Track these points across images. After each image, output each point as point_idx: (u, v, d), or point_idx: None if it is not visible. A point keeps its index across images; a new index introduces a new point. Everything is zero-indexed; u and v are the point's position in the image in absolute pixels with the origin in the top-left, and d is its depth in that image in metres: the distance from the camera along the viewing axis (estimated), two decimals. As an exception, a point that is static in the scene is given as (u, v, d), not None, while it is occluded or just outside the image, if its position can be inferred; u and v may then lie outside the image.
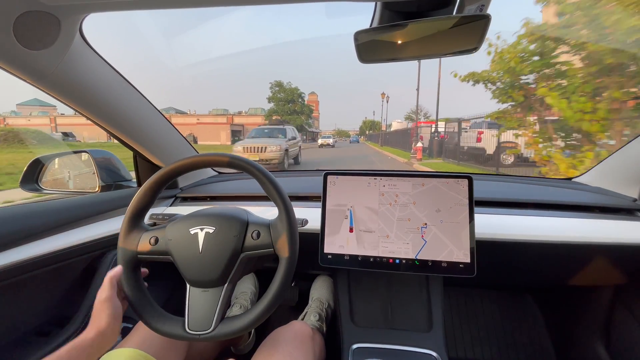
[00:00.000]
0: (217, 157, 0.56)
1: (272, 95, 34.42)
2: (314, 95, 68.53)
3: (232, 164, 0.55)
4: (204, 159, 0.57)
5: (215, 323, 0.52)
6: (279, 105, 33.90)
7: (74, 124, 36.61)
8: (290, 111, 34.10)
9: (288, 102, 34.08)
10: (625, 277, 0.82)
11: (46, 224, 0.67)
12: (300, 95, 34.65)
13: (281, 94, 34.07)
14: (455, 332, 1.17)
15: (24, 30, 0.48)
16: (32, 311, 0.67)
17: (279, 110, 33.80)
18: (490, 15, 0.47)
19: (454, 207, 0.70)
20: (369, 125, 78.69)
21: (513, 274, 0.92)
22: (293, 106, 34.42)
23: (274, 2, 0.48)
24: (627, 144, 0.84)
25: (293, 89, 34.06)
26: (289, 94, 33.88)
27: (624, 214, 0.80)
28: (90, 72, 0.65)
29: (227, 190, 1.03)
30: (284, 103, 33.96)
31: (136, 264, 0.56)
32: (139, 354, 0.58)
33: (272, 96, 34.41)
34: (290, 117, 32.92)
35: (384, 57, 0.58)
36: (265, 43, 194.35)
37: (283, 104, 33.84)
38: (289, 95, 33.99)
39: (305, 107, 35.25)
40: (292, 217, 0.54)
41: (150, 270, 0.63)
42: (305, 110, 35.34)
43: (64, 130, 31.79)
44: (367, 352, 0.73)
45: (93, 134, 32.57)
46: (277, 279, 0.53)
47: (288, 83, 34.74)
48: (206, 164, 0.58)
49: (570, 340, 1.02)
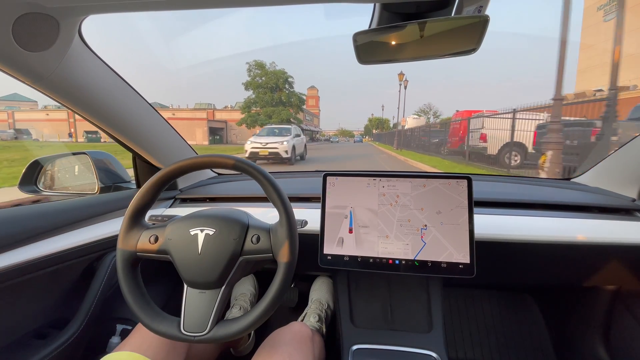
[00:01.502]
0: (220, 158, 0.56)
1: (251, 81, 25.52)
2: (313, 90, 62.74)
3: (237, 166, 0.55)
4: (205, 160, 0.57)
5: (211, 325, 0.52)
6: (260, 94, 25.59)
7: (32, 120, 33.68)
8: (275, 101, 25.82)
9: (271, 89, 25.61)
10: (624, 277, 0.82)
11: (45, 226, 0.66)
12: (288, 81, 25.82)
13: (262, 79, 25.60)
14: (455, 332, 1.17)
15: (23, 32, 0.47)
16: (30, 313, 0.66)
17: (259, 100, 25.50)
18: (489, 16, 0.47)
19: (455, 209, 0.70)
20: (375, 123, 72.81)
21: (513, 274, 0.92)
22: (278, 94, 25.96)
23: (274, 3, 0.48)
24: (626, 144, 0.84)
25: (277, 72, 25.53)
26: (271, 78, 25.27)
27: (622, 214, 0.80)
28: (90, 73, 0.65)
29: (226, 191, 1.02)
30: (266, 91, 25.60)
31: (135, 262, 0.56)
32: (137, 357, 0.57)
33: (251, 81, 25.51)
34: (274, 110, 24.96)
35: (383, 58, 0.58)
36: (265, 44, 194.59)
37: (264, 92, 25.54)
38: (271, 79, 25.30)
39: (294, 96, 26.35)
40: (292, 221, 0.54)
41: (151, 270, 0.63)
42: (294, 100, 26.37)
43: (21, 127, 30.48)
44: (367, 353, 0.73)
45: (54, 131, 30.88)
46: (276, 283, 0.53)
47: (272, 64, 25.98)
48: (207, 165, 0.58)
49: (570, 340, 1.02)
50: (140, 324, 0.64)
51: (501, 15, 55.73)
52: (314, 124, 56.92)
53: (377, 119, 74.85)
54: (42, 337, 0.67)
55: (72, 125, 29.67)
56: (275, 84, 25.63)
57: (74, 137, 29.34)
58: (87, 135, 26.09)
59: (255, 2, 0.47)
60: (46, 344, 0.65)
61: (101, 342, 0.76)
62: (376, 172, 0.75)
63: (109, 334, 0.78)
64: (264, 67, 25.64)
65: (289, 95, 26.36)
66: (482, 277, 0.69)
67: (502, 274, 0.92)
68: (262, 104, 25.61)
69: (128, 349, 0.59)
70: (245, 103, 26.41)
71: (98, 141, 22.88)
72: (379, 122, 72.72)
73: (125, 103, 0.76)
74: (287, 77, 25.69)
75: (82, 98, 0.67)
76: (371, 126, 76.26)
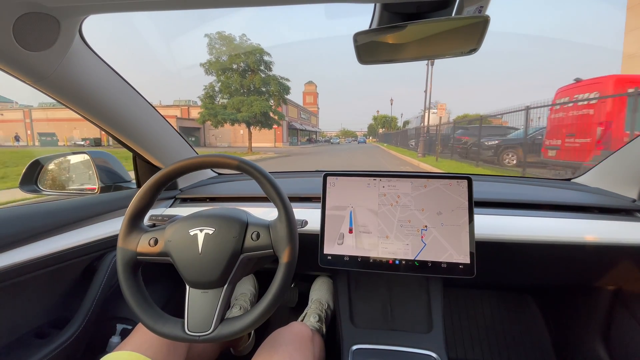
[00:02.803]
0: (220, 158, 0.56)
1: (215, 61, 17.45)
2: (311, 86, 57.11)
3: (237, 166, 0.55)
4: (205, 159, 0.57)
5: (215, 324, 0.52)
6: (226, 79, 17.61)
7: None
8: (246, 89, 17.89)
9: (241, 73, 17.71)
10: (624, 277, 0.82)
11: (45, 226, 0.66)
12: (264, 61, 17.78)
13: (225, 57, 17.42)
14: (455, 332, 1.17)
15: (24, 31, 0.48)
16: (30, 313, 0.67)
17: (225, 88, 17.75)
18: (489, 17, 0.47)
19: (456, 210, 0.70)
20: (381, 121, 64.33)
21: (513, 274, 0.92)
22: (251, 78, 17.61)
23: (274, 3, 0.48)
24: (626, 144, 0.84)
25: (249, 47, 17.94)
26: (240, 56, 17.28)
27: (623, 214, 0.80)
28: (90, 73, 0.65)
29: (226, 191, 1.03)
30: (233, 73, 17.58)
31: (135, 265, 0.56)
32: (137, 357, 0.58)
33: (214, 62, 17.45)
34: (243, 101, 17.08)
35: (384, 58, 0.58)
36: (265, 44, 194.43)
37: (230, 77, 17.64)
38: (238, 58, 17.26)
39: (272, 81, 18.01)
40: (291, 219, 0.54)
41: (150, 272, 0.63)
42: (273, 86, 18.00)
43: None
44: (367, 353, 0.73)
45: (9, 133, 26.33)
46: (277, 281, 0.53)
47: (242, 36, 17.74)
48: (207, 165, 0.58)
49: (570, 341, 1.02)
50: (140, 323, 0.64)
51: (502, 15, 55.21)
52: (312, 124, 50.94)
53: (384, 116, 66.16)
54: (43, 336, 0.67)
55: (29, 127, 25.54)
56: (245, 64, 17.43)
57: (29, 139, 24.28)
58: (40, 137, 22.54)
59: (255, 2, 0.47)
60: (46, 343, 0.65)
61: (101, 342, 0.76)
62: (376, 172, 0.75)
63: (109, 333, 0.78)
64: (231, 41, 17.40)
65: (265, 81, 17.78)
66: (482, 278, 0.69)
67: (502, 274, 0.92)
68: (229, 92, 17.78)
69: (128, 349, 0.59)
70: (206, 93, 17.81)
71: (55, 145, 20.09)
72: (385, 120, 64.24)
73: (126, 103, 0.76)
74: (262, 54, 17.59)
75: (82, 98, 0.67)
76: (376, 125, 68.18)
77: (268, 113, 17.81)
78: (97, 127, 0.77)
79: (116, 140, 0.84)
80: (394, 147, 22.56)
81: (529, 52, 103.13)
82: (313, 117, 52.61)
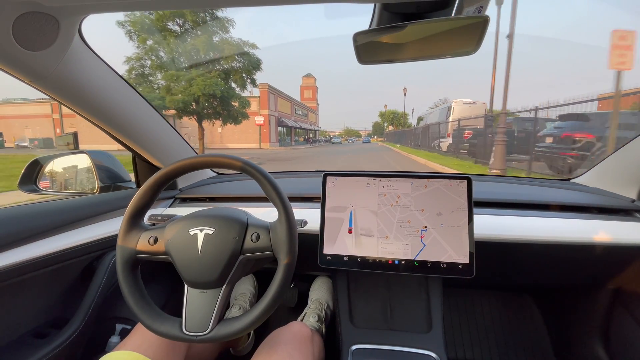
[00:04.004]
0: (219, 158, 0.56)
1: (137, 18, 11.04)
2: (310, 79, 48.60)
3: (236, 166, 0.55)
4: (204, 159, 0.57)
5: (213, 324, 0.52)
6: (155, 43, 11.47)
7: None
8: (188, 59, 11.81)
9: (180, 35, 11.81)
10: (624, 277, 0.83)
11: (45, 225, 0.66)
12: (216, 17, 11.80)
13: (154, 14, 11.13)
14: (454, 332, 1.17)
15: (23, 31, 0.47)
16: (30, 313, 0.67)
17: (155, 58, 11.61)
18: (489, 17, 0.47)
19: (456, 211, 0.70)
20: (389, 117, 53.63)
21: (512, 274, 0.92)
22: (193, 43, 11.60)
23: (274, 3, 0.48)
24: (625, 144, 0.84)
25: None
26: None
27: (622, 214, 0.80)
28: (89, 73, 0.65)
29: (226, 191, 1.02)
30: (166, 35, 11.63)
31: (135, 263, 0.56)
32: (137, 356, 0.57)
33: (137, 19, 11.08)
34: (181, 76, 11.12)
35: (383, 58, 0.58)
36: (265, 43, 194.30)
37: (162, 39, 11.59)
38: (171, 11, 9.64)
39: (227, 46, 11.87)
40: (291, 220, 0.54)
41: (149, 271, 0.63)
42: (228, 52, 11.68)
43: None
44: (367, 353, 0.73)
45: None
46: (276, 282, 0.53)
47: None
48: (207, 165, 0.58)
49: (569, 341, 1.03)
50: (139, 323, 0.64)
51: (501, 16, 55.08)
52: (309, 121, 43.58)
53: (392, 112, 53.74)
54: (42, 336, 0.67)
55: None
56: (183, 20, 11.25)
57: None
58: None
59: (256, 2, 0.47)
60: (46, 343, 0.65)
61: (101, 342, 0.76)
62: (376, 172, 0.75)
63: (108, 333, 0.78)
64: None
65: (217, 47, 11.63)
66: (482, 278, 0.69)
67: (502, 274, 0.92)
68: (158, 64, 11.54)
69: (128, 349, 0.59)
70: (130, 69, 11.67)
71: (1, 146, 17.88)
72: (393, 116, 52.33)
73: (125, 102, 0.76)
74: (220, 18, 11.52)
75: (82, 97, 0.67)
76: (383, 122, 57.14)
77: (226, 98, 11.26)
78: (97, 127, 0.77)
79: (116, 140, 0.84)
80: (411, 150, 16.21)
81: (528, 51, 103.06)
82: (311, 114, 45.61)
